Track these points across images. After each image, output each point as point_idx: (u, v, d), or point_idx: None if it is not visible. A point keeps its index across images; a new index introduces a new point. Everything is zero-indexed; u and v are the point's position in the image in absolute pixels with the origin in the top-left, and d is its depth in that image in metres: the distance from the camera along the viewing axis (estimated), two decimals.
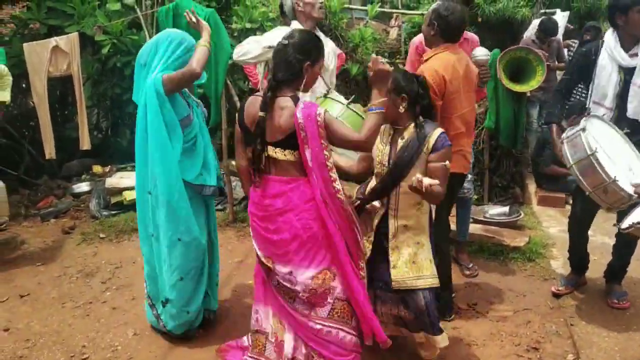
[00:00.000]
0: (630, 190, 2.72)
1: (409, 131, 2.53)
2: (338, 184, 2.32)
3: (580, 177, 2.84)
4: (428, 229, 2.63)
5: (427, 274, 2.55)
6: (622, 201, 2.79)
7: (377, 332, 2.40)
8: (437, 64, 2.87)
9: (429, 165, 2.47)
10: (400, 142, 2.53)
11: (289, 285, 2.39)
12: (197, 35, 2.94)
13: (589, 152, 2.76)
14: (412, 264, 2.55)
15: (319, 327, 2.38)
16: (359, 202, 2.64)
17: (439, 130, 2.50)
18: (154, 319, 3.09)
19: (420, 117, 2.52)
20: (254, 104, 2.37)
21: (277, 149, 2.33)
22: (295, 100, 2.30)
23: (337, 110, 3.18)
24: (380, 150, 2.61)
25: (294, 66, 2.31)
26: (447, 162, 2.43)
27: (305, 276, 2.36)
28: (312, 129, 2.23)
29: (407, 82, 2.51)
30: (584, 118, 3.00)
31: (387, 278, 2.58)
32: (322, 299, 2.38)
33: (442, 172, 2.44)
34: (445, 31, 2.91)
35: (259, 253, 2.48)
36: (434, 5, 2.96)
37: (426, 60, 2.97)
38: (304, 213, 2.32)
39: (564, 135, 2.99)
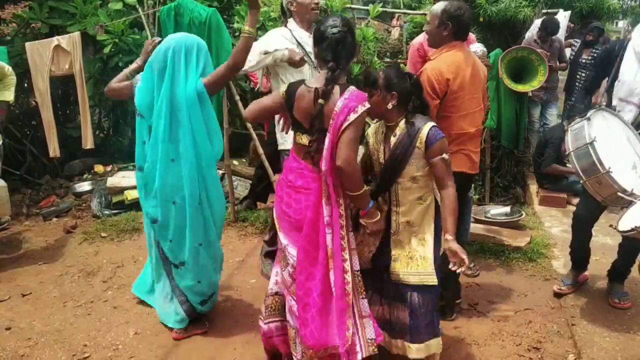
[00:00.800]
0: (626, 185, 2.69)
1: (400, 127, 2.51)
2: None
3: (577, 165, 2.84)
4: (433, 225, 2.59)
5: (422, 271, 2.52)
6: (616, 195, 2.77)
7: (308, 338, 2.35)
8: (443, 64, 2.86)
9: (431, 163, 2.47)
10: (393, 140, 2.53)
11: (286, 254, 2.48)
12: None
13: (587, 140, 2.76)
14: (410, 260, 2.55)
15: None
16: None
17: (430, 124, 2.46)
18: (187, 317, 3.09)
19: (410, 114, 2.51)
20: (306, 95, 2.32)
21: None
22: (343, 88, 2.28)
23: None
24: (376, 149, 2.61)
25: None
26: (445, 155, 2.43)
27: (293, 252, 2.41)
28: (340, 118, 2.21)
29: (398, 79, 2.49)
30: (594, 109, 3.00)
31: (387, 262, 2.58)
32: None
33: (442, 167, 2.44)
34: (459, 30, 2.90)
35: (274, 217, 2.55)
36: (440, 6, 2.91)
37: (432, 59, 2.95)
38: (312, 196, 2.33)
39: (570, 125, 3.00)
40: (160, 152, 2.83)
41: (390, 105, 2.48)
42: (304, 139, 2.36)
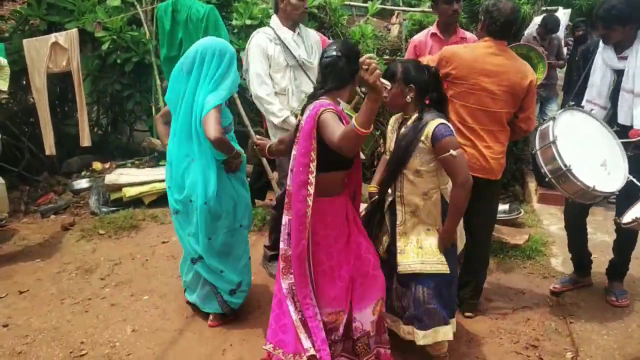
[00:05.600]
0: (589, 182, 2.72)
1: (412, 120, 2.52)
2: (309, 197, 2.31)
3: (542, 164, 2.88)
4: (440, 219, 2.58)
5: (434, 260, 2.51)
6: (581, 192, 2.80)
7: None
8: (459, 47, 2.97)
9: (439, 159, 2.46)
10: (402, 131, 2.55)
11: None
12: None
13: (550, 139, 2.81)
14: (419, 249, 2.53)
15: None
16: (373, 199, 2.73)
17: (438, 121, 2.43)
18: (219, 307, 3.14)
19: (424, 107, 2.51)
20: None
21: None
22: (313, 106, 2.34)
23: None
24: (390, 138, 2.65)
25: (344, 77, 2.36)
26: (452, 151, 2.38)
27: None
28: (308, 125, 2.27)
29: (417, 72, 2.50)
30: (564, 109, 3.05)
31: (393, 262, 2.59)
32: None
33: (450, 163, 2.42)
34: (490, 26, 2.90)
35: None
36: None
37: None
38: None
39: (539, 125, 3.03)
40: (176, 148, 2.95)
41: (409, 98, 2.48)
42: None
